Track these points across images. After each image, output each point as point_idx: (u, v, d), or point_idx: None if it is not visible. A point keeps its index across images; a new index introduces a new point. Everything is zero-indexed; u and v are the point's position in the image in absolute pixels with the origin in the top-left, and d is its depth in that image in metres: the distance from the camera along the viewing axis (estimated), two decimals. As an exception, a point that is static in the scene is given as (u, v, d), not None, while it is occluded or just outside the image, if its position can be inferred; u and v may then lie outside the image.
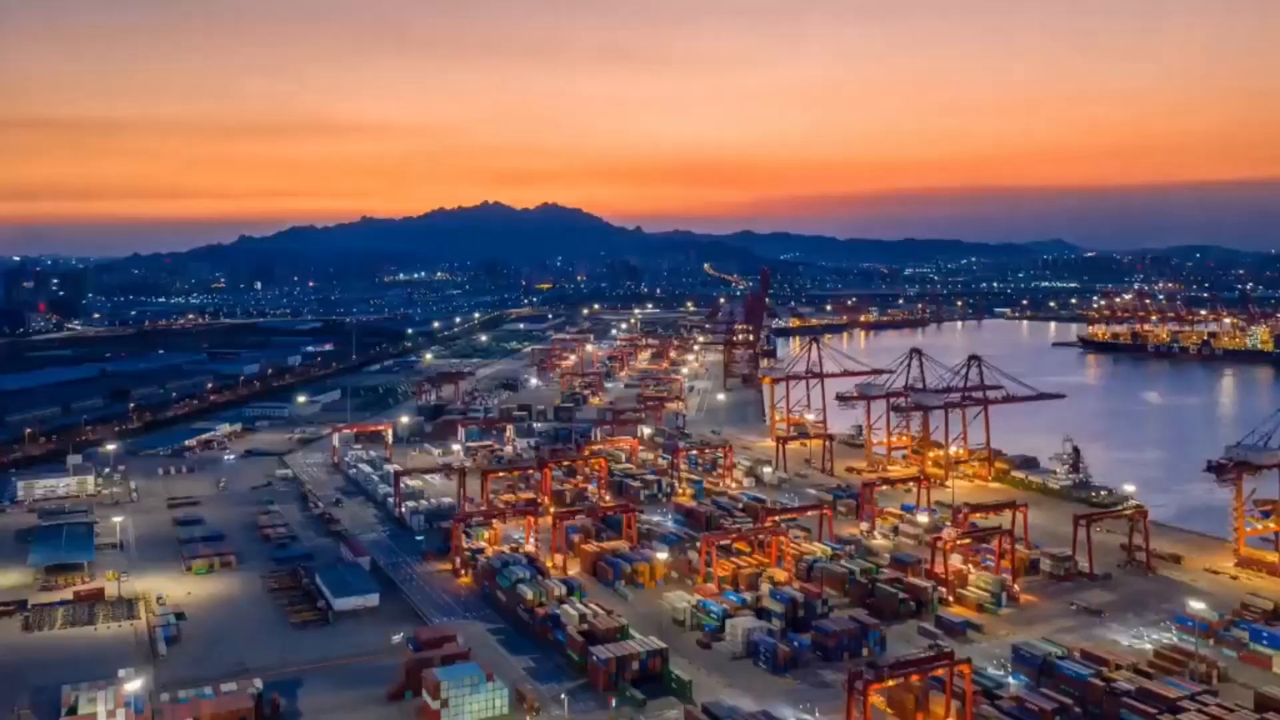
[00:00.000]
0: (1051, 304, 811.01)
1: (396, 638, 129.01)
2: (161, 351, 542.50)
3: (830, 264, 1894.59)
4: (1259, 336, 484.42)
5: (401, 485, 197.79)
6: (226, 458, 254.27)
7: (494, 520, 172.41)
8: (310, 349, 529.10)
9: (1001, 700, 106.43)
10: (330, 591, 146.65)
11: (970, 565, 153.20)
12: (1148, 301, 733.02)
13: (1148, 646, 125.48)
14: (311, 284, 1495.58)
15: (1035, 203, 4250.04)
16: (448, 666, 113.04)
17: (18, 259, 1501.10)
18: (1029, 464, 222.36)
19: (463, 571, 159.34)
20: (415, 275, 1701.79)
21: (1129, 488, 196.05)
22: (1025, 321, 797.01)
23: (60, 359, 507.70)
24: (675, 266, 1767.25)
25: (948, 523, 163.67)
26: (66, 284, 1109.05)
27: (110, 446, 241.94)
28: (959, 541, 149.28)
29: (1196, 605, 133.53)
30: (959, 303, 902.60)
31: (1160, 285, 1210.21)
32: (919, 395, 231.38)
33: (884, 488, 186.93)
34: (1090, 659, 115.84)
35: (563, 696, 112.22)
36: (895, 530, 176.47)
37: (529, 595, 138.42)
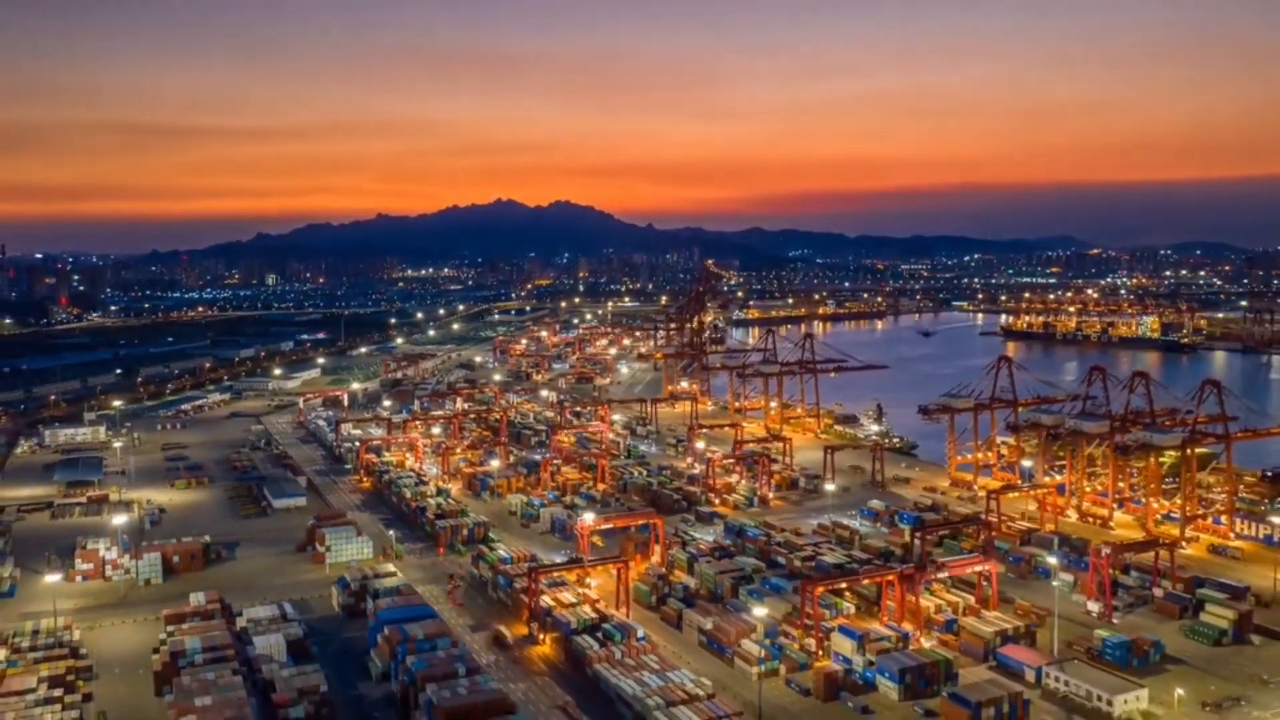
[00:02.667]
0: (1003, 297, 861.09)
1: (310, 521, 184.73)
2: (170, 340, 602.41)
3: (832, 260, 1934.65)
4: (1149, 325, 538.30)
5: (342, 431, 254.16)
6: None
7: (405, 451, 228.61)
8: (304, 337, 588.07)
9: (691, 548, 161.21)
10: (271, 496, 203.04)
11: (743, 480, 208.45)
12: (1095, 294, 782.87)
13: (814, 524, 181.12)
14: (321, 280, 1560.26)
15: (1051, 201, 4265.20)
16: (333, 528, 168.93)
17: (40, 256, 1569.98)
18: (849, 419, 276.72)
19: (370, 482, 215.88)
20: (423, 271, 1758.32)
21: (873, 428, 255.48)
22: (980, 314, 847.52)
23: (79, 345, 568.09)
24: (681, 263, 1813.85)
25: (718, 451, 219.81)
26: (86, 279, 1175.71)
27: (117, 403, 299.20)
28: (723, 461, 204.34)
29: (875, 502, 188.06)
30: (917, 296, 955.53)
31: (1134, 280, 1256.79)
32: (759, 365, 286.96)
33: (703, 430, 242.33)
34: (766, 526, 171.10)
35: (392, 533, 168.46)
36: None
37: (407, 494, 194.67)
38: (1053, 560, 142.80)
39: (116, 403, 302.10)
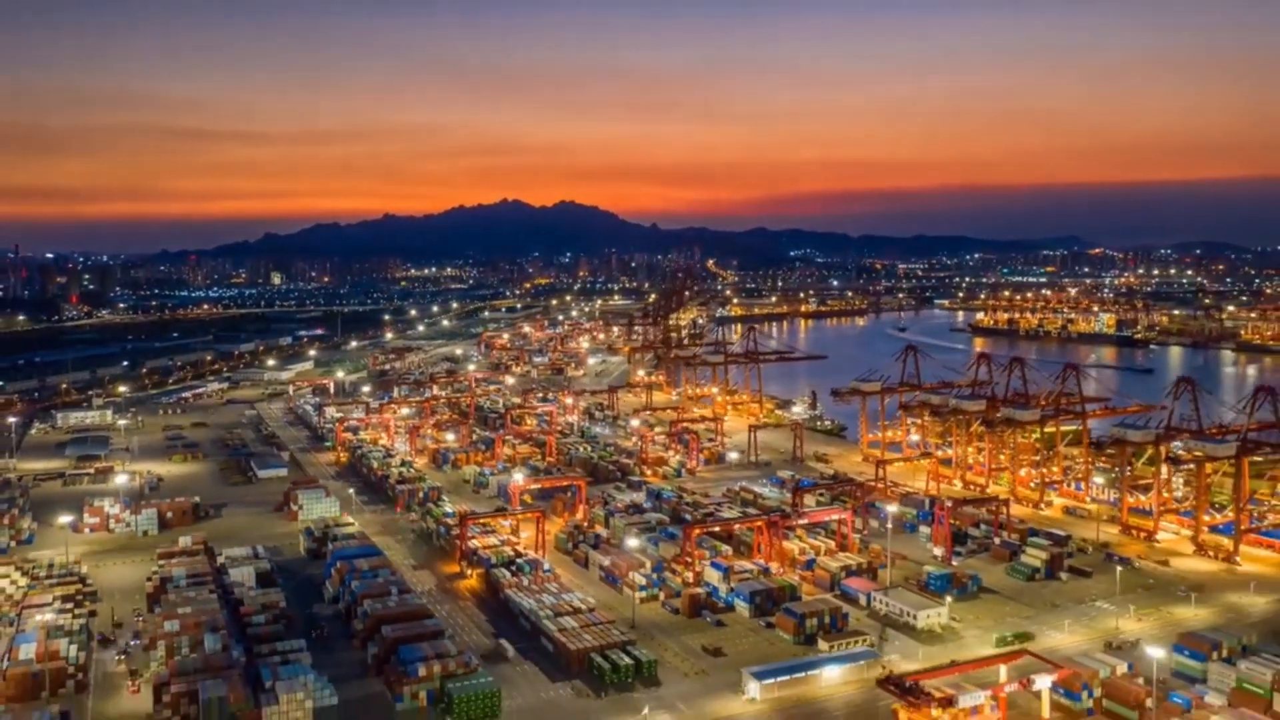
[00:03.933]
0: (982, 295, 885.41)
1: (288, 486, 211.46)
2: (175, 335, 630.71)
3: (834, 260, 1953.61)
4: (1105, 322, 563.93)
5: (325, 414, 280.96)
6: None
7: (380, 430, 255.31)
8: (302, 333, 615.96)
9: (613, 508, 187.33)
10: (257, 467, 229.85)
11: (676, 454, 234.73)
12: (1074, 293, 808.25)
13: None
14: (326, 279, 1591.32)
15: (1057, 201, 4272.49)
16: (306, 490, 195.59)
17: (51, 255, 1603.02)
18: (787, 405, 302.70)
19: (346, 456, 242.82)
20: (426, 270, 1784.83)
21: (795, 409, 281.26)
22: (961, 311, 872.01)
23: (88, 341, 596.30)
24: (682, 262, 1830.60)
25: (655, 427, 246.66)
26: (96, 278, 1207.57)
27: (123, 389, 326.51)
28: (654, 438, 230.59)
29: (784, 472, 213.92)
30: (899, 295, 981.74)
31: (1124, 279, 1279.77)
32: (704, 355, 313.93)
33: (653, 414, 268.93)
34: (682, 490, 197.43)
35: (351, 492, 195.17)
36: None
37: (375, 465, 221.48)
38: (891, 509, 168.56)
39: (122, 389, 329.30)
